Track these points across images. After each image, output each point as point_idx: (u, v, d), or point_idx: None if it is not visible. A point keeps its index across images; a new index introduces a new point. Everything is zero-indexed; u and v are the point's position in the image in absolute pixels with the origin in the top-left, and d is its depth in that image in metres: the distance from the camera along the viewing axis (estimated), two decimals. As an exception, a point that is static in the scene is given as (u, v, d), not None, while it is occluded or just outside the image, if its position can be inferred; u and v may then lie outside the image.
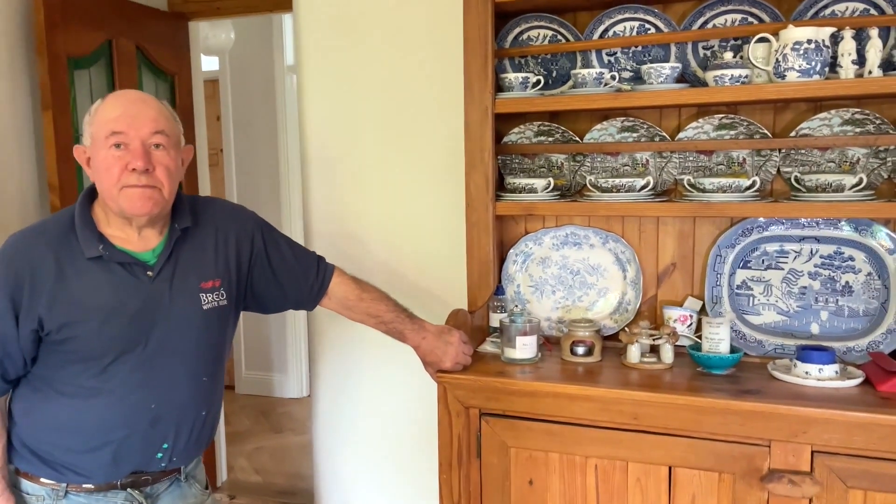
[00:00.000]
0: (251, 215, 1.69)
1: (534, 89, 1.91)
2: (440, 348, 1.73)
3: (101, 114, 1.43)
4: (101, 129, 1.41)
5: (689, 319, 1.87)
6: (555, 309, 2.05)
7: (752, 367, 1.75)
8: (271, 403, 4.81)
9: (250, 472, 3.76)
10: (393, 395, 2.37)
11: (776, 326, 1.85)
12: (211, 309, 1.53)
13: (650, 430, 1.60)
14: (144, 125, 1.41)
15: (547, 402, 1.67)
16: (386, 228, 2.32)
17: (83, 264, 1.42)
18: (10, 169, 2.50)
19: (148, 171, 1.40)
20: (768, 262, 1.86)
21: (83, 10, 2.65)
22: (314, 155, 2.39)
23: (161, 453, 1.51)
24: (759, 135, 1.82)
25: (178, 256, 1.51)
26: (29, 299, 1.39)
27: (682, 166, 1.92)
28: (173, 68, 3.16)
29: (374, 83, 2.28)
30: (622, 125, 1.94)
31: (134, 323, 1.44)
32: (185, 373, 1.51)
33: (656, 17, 1.87)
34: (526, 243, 2.07)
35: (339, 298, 1.74)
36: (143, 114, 1.42)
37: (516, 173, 2.09)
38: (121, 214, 1.45)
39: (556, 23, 1.96)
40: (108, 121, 1.41)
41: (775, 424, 1.49)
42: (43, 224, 1.50)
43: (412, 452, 2.34)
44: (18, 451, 1.49)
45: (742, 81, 1.68)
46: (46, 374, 1.46)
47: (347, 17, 2.28)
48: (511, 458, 1.72)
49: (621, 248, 1.99)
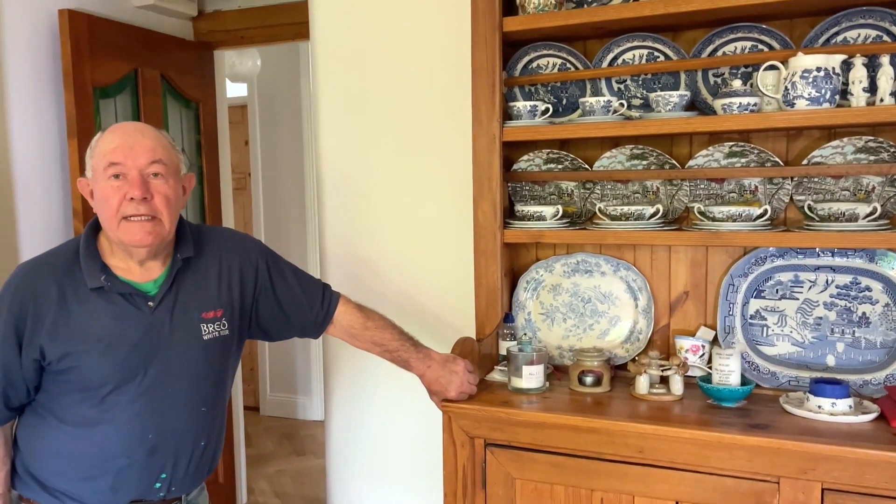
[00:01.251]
0: (256, 244, 1.71)
1: (543, 117, 1.91)
2: (445, 377, 1.72)
3: (99, 146, 1.46)
4: (99, 160, 1.44)
5: (702, 349, 1.83)
6: (565, 337, 2.03)
7: (764, 399, 1.71)
8: (295, 426, 4.83)
9: (270, 496, 3.77)
10: (404, 423, 2.36)
11: (790, 358, 1.81)
12: (211, 339, 1.54)
13: (656, 463, 1.57)
14: (141, 155, 1.44)
15: (552, 434, 1.65)
16: (398, 254, 2.33)
17: (85, 294, 1.44)
18: (37, 195, 2.57)
19: (146, 199, 1.42)
20: (782, 291, 1.82)
21: (110, 40, 2.73)
22: (329, 179, 2.42)
23: (159, 483, 1.52)
24: (771, 162, 1.80)
25: (179, 287, 1.53)
26: (32, 329, 1.42)
27: (693, 194, 1.90)
28: (198, 96, 3.23)
29: (388, 108, 2.30)
30: (632, 152, 1.93)
31: (134, 353, 1.45)
32: (183, 403, 1.52)
33: (665, 46, 1.86)
34: (537, 270, 2.06)
35: (344, 327, 1.75)
36: (140, 144, 1.44)
37: (527, 200, 2.08)
38: (121, 246, 1.47)
39: (566, 51, 1.96)
40: (105, 152, 1.44)
41: (784, 461, 1.46)
42: (49, 254, 1.52)
43: (423, 480, 2.32)
44: (22, 477, 1.51)
45: (751, 109, 1.66)
46: (48, 403, 1.48)
47: (362, 44, 2.31)
48: (516, 489, 1.70)
49: (633, 276, 1.97)
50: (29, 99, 2.54)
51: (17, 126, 2.50)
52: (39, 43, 2.57)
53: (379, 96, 2.30)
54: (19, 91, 2.51)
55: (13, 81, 2.48)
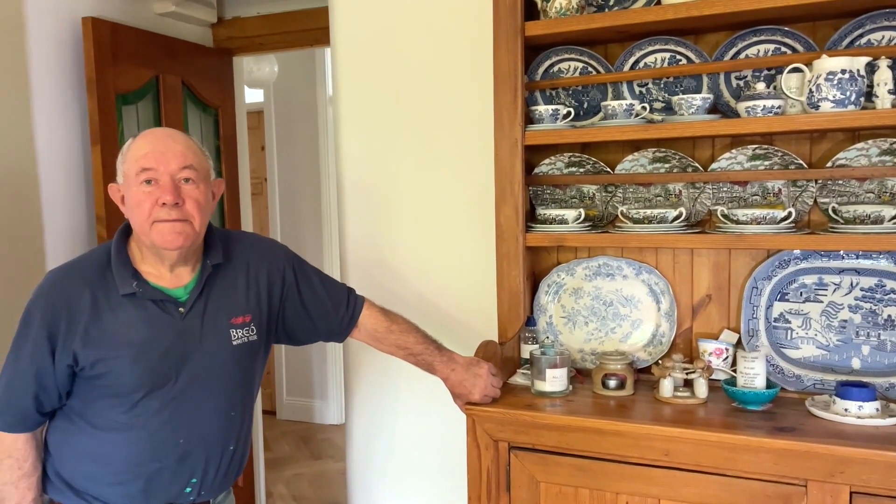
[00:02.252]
0: (282, 249, 1.72)
1: (564, 121, 1.91)
2: (469, 380, 1.73)
3: (131, 152, 1.48)
4: (131, 166, 1.46)
5: (725, 353, 1.83)
6: (587, 340, 2.03)
7: (789, 402, 1.70)
8: (311, 429, 4.85)
9: (288, 500, 3.79)
10: (426, 426, 2.37)
11: (815, 361, 1.80)
12: (241, 344, 1.55)
13: (682, 466, 1.57)
14: (173, 160, 1.45)
15: (577, 437, 1.65)
16: (419, 258, 2.34)
17: (117, 300, 1.46)
18: (62, 202, 2.60)
19: (178, 204, 1.44)
20: (807, 294, 1.82)
21: (132, 47, 2.76)
22: (349, 184, 2.43)
23: (190, 487, 1.54)
24: (795, 165, 1.79)
25: (209, 293, 1.54)
26: (65, 335, 1.43)
27: (716, 197, 1.90)
28: (217, 102, 3.26)
29: (408, 114, 2.31)
30: (654, 156, 1.93)
31: (165, 359, 1.47)
32: (213, 408, 1.53)
33: (687, 49, 1.86)
34: (558, 274, 2.06)
35: (368, 330, 1.76)
36: (171, 149, 1.46)
37: (548, 204, 2.09)
38: (153, 249, 1.48)
39: (587, 55, 1.97)
40: (137, 158, 1.45)
41: (812, 464, 1.45)
42: (80, 260, 1.54)
43: (445, 484, 2.32)
44: (53, 482, 1.52)
45: (775, 112, 1.66)
46: (80, 408, 1.49)
47: (382, 51, 2.32)
48: (541, 493, 1.70)
49: (655, 280, 1.97)
50: (53, 106, 2.57)
51: (42, 133, 2.53)
52: (63, 50, 2.61)
53: (399, 101, 2.32)
54: (44, 98, 2.54)
55: (38, 89, 2.52)
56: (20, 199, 2.46)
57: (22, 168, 2.47)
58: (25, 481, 1.48)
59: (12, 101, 2.45)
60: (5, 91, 2.43)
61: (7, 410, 1.47)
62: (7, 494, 1.47)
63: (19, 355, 1.46)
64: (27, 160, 2.49)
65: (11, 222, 2.42)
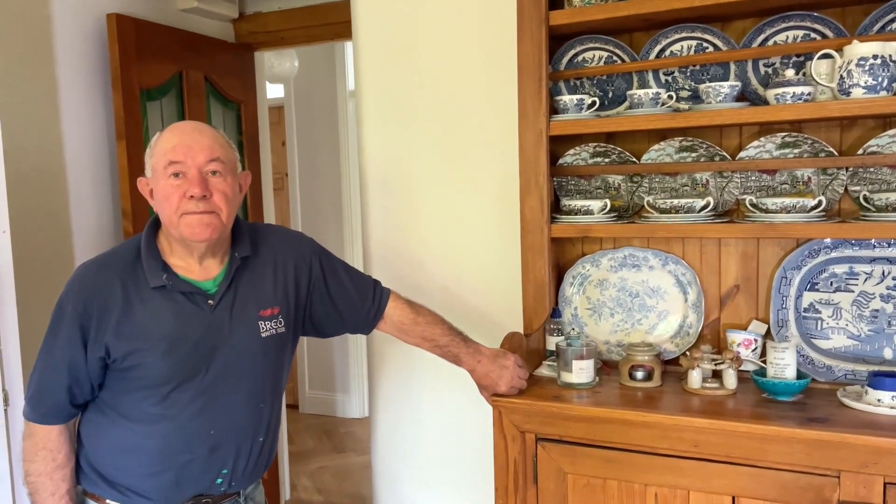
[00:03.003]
0: (309, 242, 1.72)
1: (589, 111, 1.90)
2: (495, 372, 1.72)
3: (159, 145, 1.48)
4: (159, 160, 1.47)
5: (754, 343, 1.81)
6: (613, 332, 2.02)
7: (820, 393, 1.68)
8: (334, 423, 4.87)
9: (313, 492, 3.81)
10: (451, 419, 2.37)
11: (846, 351, 1.78)
12: (269, 337, 1.56)
13: (712, 458, 1.55)
14: (200, 153, 1.46)
15: (604, 428, 1.64)
16: (443, 251, 2.34)
17: (148, 293, 1.47)
18: (88, 197, 2.63)
19: (206, 197, 1.45)
20: (837, 284, 1.79)
21: (156, 43, 2.78)
22: (372, 178, 2.43)
23: (220, 479, 1.55)
24: (825, 153, 1.77)
25: (237, 285, 1.54)
26: (97, 328, 1.44)
27: (744, 186, 1.88)
28: (240, 97, 3.27)
29: (431, 107, 2.31)
30: (680, 145, 1.91)
31: (195, 351, 1.48)
32: (243, 400, 1.54)
33: (714, 36, 1.84)
34: (583, 265, 2.05)
35: (394, 322, 1.76)
36: (199, 142, 1.47)
37: (572, 195, 2.08)
38: (182, 242, 1.49)
39: (612, 44, 1.95)
40: (165, 151, 1.46)
41: (844, 454, 1.43)
42: (111, 254, 1.55)
43: (471, 476, 2.33)
44: (86, 472, 1.54)
45: (804, 99, 1.64)
46: (112, 400, 1.50)
47: (404, 43, 2.32)
48: (568, 484, 1.69)
49: (682, 270, 1.95)
50: (79, 102, 2.60)
51: (69, 129, 2.56)
52: (88, 47, 2.63)
53: (422, 93, 2.31)
54: (70, 94, 2.57)
55: (64, 85, 2.54)
56: (47, 194, 2.49)
57: (49, 164, 2.50)
58: (59, 472, 1.50)
59: (40, 97, 2.47)
60: (33, 88, 2.45)
61: (41, 403, 1.49)
62: (42, 485, 1.49)
63: (52, 348, 1.47)
64: (54, 156, 2.52)
65: (39, 217, 2.45)
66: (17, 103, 2.33)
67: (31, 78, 2.44)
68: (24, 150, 2.38)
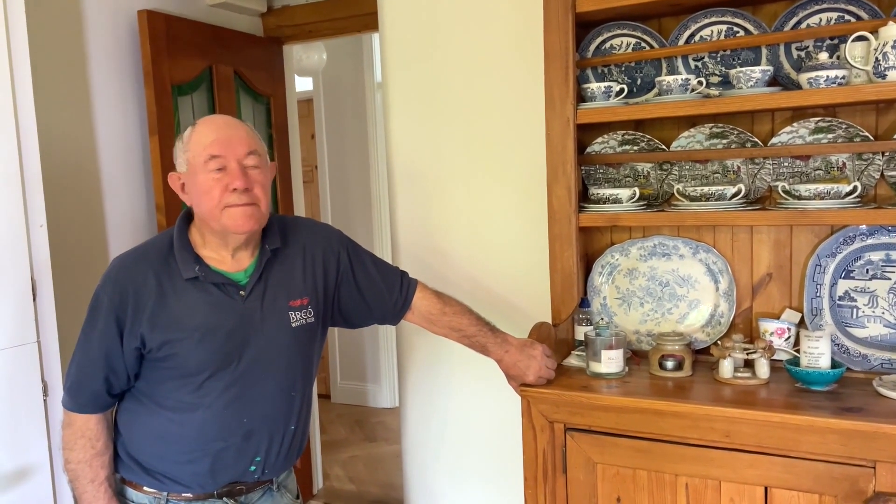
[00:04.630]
0: (337, 233, 1.74)
1: (617, 98, 1.88)
2: (523, 362, 1.72)
3: (195, 140, 1.50)
4: (198, 154, 1.48)
5: (787, 332, 1.79)
6: (643, 322, 2.00)
7: (855, 382, 1.65)
8: (365, 413, 4.91)
9: (345, 481, 3.85)
10: (480, 409, 2.37)
11: (883, 340, 1.74)
12: (299, 327, 1.58)
13: (744, 448, 1.54)
14: (239, 146, 1.49)
15: (634, 418, 1.63)
16: (470, 241, 2.34)
17: (181, 285, 1.49)
18: (122, 191, 2.67)
19: (247, 189, 1.47)
20: (873, 271, 1.76)
21: (186, 39, 2.81)
22: (399, 169, 2.44)
23: (254, 466, 1.57)
24: (860, 137, 1.73)
25: (268, 276, 1.56)
26: (132, 319, 1.47)
27: (777, 172, 1.84)
28: (269, 91, 3.30)
29: (457, 97, 2.30)
30: (711, 131, 1.89)
31: (229, 341, 1.50)
32: (275, 388, 1.56)
33: (745, 20, 1.81)
34: (612, 254, 2.04)
35: (422, 313, 1.76)
36: (237, 136, 1.49)
37: (601, 183, 2.06)
38: (223, 234, 1.51)
39: (640, 30, 1.93)
40: (205, 146, 1.48)
41: (880, 444, 1.41)
42: (144, 247, 1.58)
43: (501, 466, 2.33)
44: (124, 460, 1.57)
45: (839, 83, 1.60)
46: (148, 389, 1.54)
47: (430, 34, 2.32)
48: (598, 474, 1.69)
49: (713, 259, 1.93)
50: (111, 97, 2.64)
51: (101, 124, 2.61)
52: (120, 43, 2.67)
53: (449, 84, 2.31)
54: (102, 90, 2.61)
55: (97, 81, 2.59)
56: (82, 189, 2.54)
57: (83, 159, 2.55)
58: (98, 460, 1.54)
59: (73, 94, 2.52)
60: (66, 84, 2.50)
61: (80, 393, 1.52)
62: (81, 472, 1.53)
63: (89, 339, 1.50)
64: (88, 151, 2.57)
65: (74, 212, 2.50)
66: (50, 100, 2.38)
67: (64, 75, 2.49)
68: (58, 146, 2.43)
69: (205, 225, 1.53)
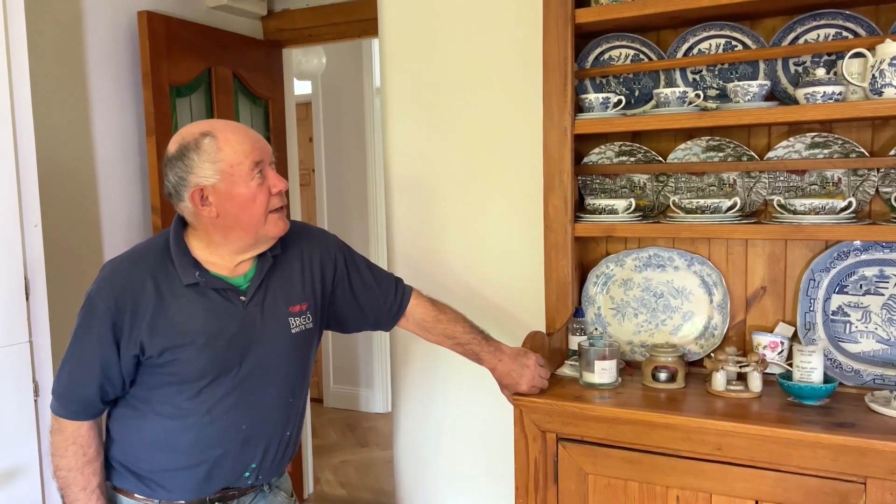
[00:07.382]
0: (333, 239, 1.73)
1: (615, 109, 1.88)
2: (516, 371, 1.72)
3: (231, 149, 1.44)
4: (240, 163, 1.43)
5: (780, 346, 1.79)
6: (637, 332, 2.01)
7: (847, 398, 1.66)
8: (357, 417, 4.90)
9: (336, 486, 3.84)
10: (473, 416, 2.37)
11: (875, 356, 1.75)
12: (299, 332, 1.57)
13: (735, 461, 1.54)
14: (265, 150, 1.49)
15: (626, 429, 1.63)
16: (466, 248, 2.34)
17: (180, 290, 1.46)
18: (117, 191, 2.67)
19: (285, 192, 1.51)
20: (867, 287, 1.76)
21: (185, 40, 2.81)
22: (396, 175, 2.44)
23: (248, 472, 1.56)
24: (856, 153, 1.74)
25: (268, 282, 1.55)
26: (130, 326, 1.44)
27: (772, 186, 1.85)
28: (267, 94, 3.30)
29: (456, 104, 2.31)
30: (707, 144, 1.89)
31: (230, 347, 1.48)
32: (274, 394, 1.55)
33: (743, 34, 1.82)
34: (607, 265, 2.04)
35: (416, 319, 1.76)
36: (261, 140, 1.50)
37: (597, 194, 2.06)
38: (255, 241, 1.49)
39: (639, 42, 1.94)
40: (246, 154, 1.44)
41: (871, 460, 1.41)
42: (139, 251, 1.54)
43: (492, 474, 2.33)
44: (115, 468, 1.55)
45: (835, 99, 1.61)
46: (144, 395, 1.50)
47: (430, 40, 2.32)
48: (589, 484, 1.69)
49: (707, 271, 1.93)
50: (109, 98, 2.64)
51: (99, 124, 2.60)
52: (119, 44, 2.67)
53: (447, 91, 2.31)
54: (100, 91, 2.61)
55: (95, 81, 2.59)
56: (78, 189, 2.54)
57: (80, 159, 2.54)
58: (90, 467, 1.51)
59: (70, 93, 2.52)
60: (64, 84, 2.50)
61: (72, 400, 1.49)
62: (73, 480, 1.50)
63: (83, 346, 1.47)
64: (85, 151, 2.56)
65: (69, 212, 2.49)
66: (48, 99, 2.38)
67: (62, 74, 2.49)
68: (55, 146, 2.42)
69: (231, 232, 1.48)
